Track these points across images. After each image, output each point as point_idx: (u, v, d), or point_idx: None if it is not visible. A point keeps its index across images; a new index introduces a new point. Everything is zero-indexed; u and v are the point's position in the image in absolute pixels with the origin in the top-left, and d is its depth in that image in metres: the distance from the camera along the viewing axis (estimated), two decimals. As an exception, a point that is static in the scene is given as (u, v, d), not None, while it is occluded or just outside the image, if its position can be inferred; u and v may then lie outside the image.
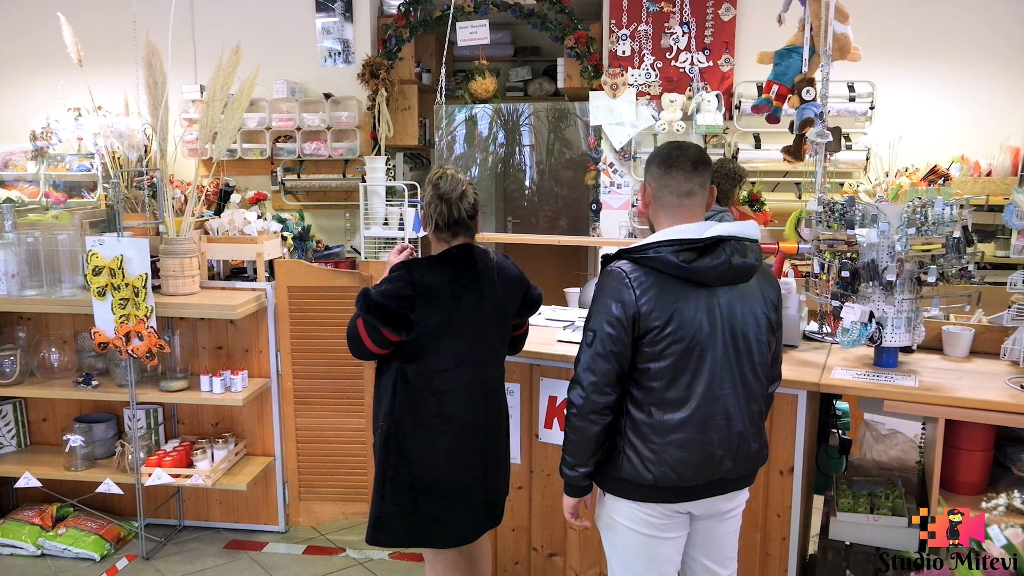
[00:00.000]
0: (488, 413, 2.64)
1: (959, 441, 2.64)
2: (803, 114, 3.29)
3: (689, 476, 2.15)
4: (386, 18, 5.95)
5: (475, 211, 2.62)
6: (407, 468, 2.59)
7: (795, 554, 2.91)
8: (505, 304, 2.67)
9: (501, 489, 2.77)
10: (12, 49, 6.40)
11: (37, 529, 3.91)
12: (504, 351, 2.73)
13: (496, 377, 2.69)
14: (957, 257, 2.70)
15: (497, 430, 2.70)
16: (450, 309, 2.53)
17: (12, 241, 3.80)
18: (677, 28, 5.35)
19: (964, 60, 5.17)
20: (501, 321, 2.67)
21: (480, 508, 2.68)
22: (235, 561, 3.81)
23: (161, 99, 3.80)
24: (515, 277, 2.71)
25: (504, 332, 2.71)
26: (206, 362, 3.96)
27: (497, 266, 2.66)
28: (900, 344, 2.80)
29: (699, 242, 2.10)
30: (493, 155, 6.88)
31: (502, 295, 2.64)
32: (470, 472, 2.61)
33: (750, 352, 2.18)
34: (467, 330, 2.57)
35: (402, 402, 2.58)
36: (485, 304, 2.60)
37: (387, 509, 2.61)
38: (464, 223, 2.59)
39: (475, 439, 2.61)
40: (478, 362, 2.60)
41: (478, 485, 2.63)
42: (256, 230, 3.96)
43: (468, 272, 2.58)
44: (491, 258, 2.67)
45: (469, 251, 2.62)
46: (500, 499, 2.78)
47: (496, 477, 2.72)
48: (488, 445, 2.65)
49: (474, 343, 2.59)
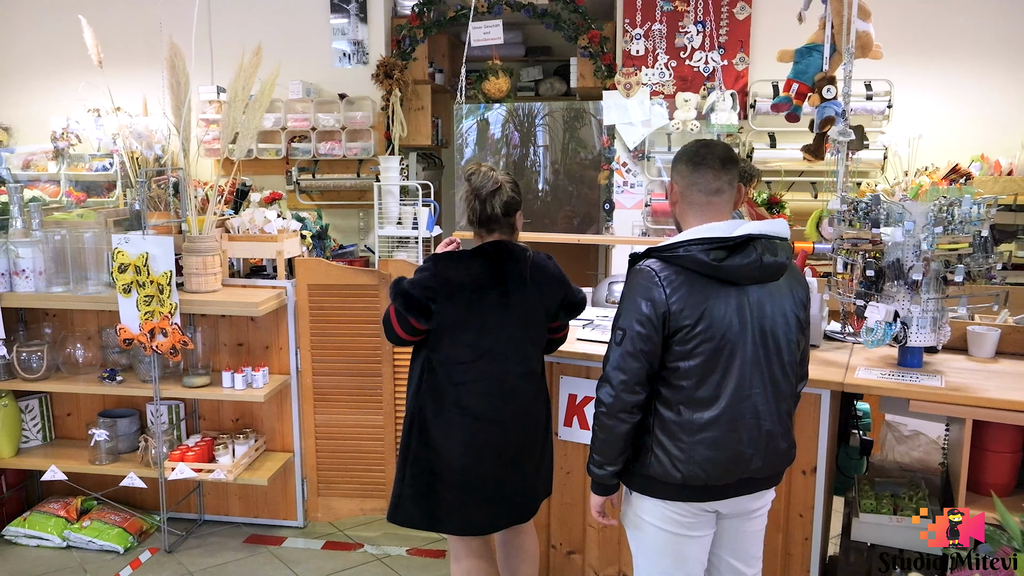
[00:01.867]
0: (509, 409, 2.65)
1: (986, 442, 2.63)
2: (823, 112, 3.28)
3: (718, 475, 2.16)
4: (400, 19, 5.97)
5: (511, 208, 2.64)
6: (426, 453, 2.66)
7: (817, 555, 2.92)
8: (536, 304, 2.67)
9: (528, 487, 2.75)
10: (34, 51, 6.45)
11: (62, 521, 3.96)
12: (534, 350, 2.72)
13: (519, 374, 2.67)
14: (984, 256, 2.70)
15: (522, 427, 2.69)
16: (470, 303, 2.59)
17: (39, 239, 3.84)
18: (691, 27, 5.36)
19: (983, 58, 5.15)
20: (530, 320, 2.67)
21: (500, 503, 2.69)
22: (255, 555, 3.84)
23: (184, 99, 3.82)
24: (553, 278, 2.70)
25: (534, 331, 2.70)
26: (227, 359, 3.99)
27: (533, 265, 2.67)
28: (925, 344, 2.80)
29: (729, 240, 2.11)
30: (506, 155, 6.89)
31: (533, 294, 2.65)
32: (486, 466, 2.64)
33: (779, 351, 2.19)
34: (487, 325, 2.61)
35: (426, 389, 2.66)
36: (511, 302, 2.62)
37: (406, 491, 2.70)
38: (497, 219, 2.62)
39: (492, 433, 2.63)
40: (499, 357, 2.63)
41: (494, 479, 2.66)
42: (276, 228, 3.99)
43: (495, 269, 2.62)
44: (527, 256, 2.67)
45: (501, 248, 2.64)
46: (526, 497, 2.76)
47: (519, 474, 2.71)
48: (508, 440, 2.65)
49: (495, 339, 2.62)
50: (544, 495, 2.87)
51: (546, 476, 2.84)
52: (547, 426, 2.80)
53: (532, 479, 2.76)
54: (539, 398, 2.75)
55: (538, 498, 2.83)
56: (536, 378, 2.74)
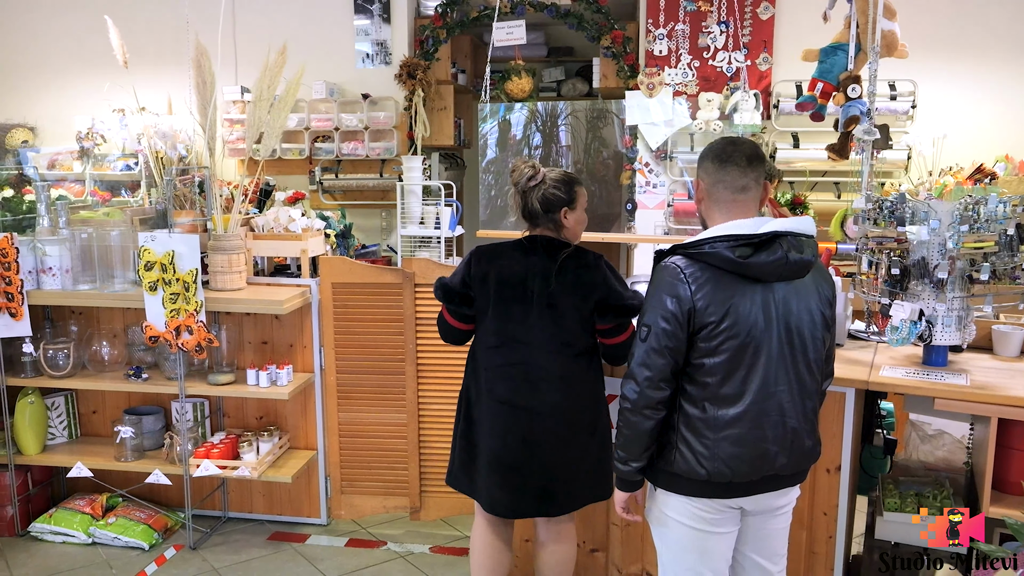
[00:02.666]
0: (538, 398, 2.70)
1: (1012, 441, 2.62)
2: (848, 112, 3.28)
3: (743, 472, 2.16)
4: (423, 19, 6.01)
5: (551, 205, 2.70)
6: (468, 429, 2.85)
7: (841, 553, 2.91)
8: (564, 299, 2.67)
9: (559, 481, 2.75)
10: (60, 52, 6.54)
11: (88, 518, 4.00)
12: (568, 345, 2.70)
13: (546, 365, 2.69)
14: (1010, 255, 2.68)
15: (554, 419, 2.70)
16: (494, 291, 2.73)
17: (66, 237, 3.89)
18: (715, 27, 5.36)
19: (1007, 57, 5.12)
20: (559, 315, 2.68)
21: (524, 490, 2.75)
22: (279, 552, 3.87)
23: (210, 99, 3.86)
24: (589, 276, 2.68)
25: (565, 326, 2.69)
26: (252, 357, 4.02)
27: (567, 261, 2.68)
28: (951, 343, 2.79)
29: (755, 237, 2.11)
30: (528, 156, 6.90)
31: (560, 289, 2.67)
32: (510, 450, 2.73)
33: (805, 348, 2.19)
34: (511, 314, 2.71)
35: (470, 371, 2.86)
36: (536, 294, 2.68)
37: (457, 458, 2.92)
38: (537, 214, 2.72)
39: (517, 419, 2.72)
40: (523, 346, 2.71)
41: (518, 465, 2.73)
42: (300, 227, 4.02)
43: (524, 261, 2.70)
44: (560, 252, 2.69)
45: (535, 241, 2.74)
46: (556, 491, 2.76)
47: (547, 465, 2.72)
48: (535, 429, 2.71)
49: (519, 327, 2.71)
50: (588, 497, 2.83)
51: (590, 477, 2.79)
52: (594, 426, 2.77)
53: (565, 473, 2.75)
54: (579, 394, 2.73)
55: (573, 496, 2.79)
56: (574, 373, 2.72)
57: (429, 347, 3.79)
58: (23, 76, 6.61)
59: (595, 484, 2.82)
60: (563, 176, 2.75)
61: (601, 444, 2.79)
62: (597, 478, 2.81)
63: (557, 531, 2.90)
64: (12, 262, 3.76)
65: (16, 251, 3.76)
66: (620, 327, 2.73)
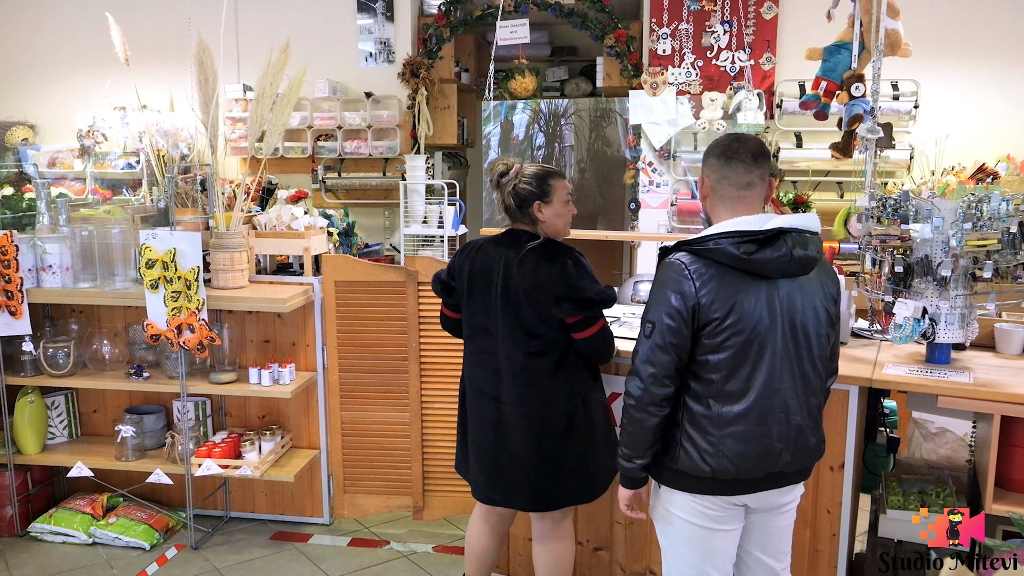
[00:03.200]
0: (501, 387, 2.78)
1: (1015, 439, 2.62)
2: (852, 110, 3.27)
3: (747, 469, 2.16)
4: (426, 18, 6.00)
5: (522, 200, 2.75)
6: (462, 416, 2.99)
7: (845, 551, 2.90)
8: (519, 292, 2.71)
9: (531, 474, 2.77)
10: (60, 49, 6.53)
11: (88, 518, 3.99)
12: (532, 338, 2.72)
13: (511, 356, 2.74)
14: (1013, 253, 2.68)
15: (513, 408, 2.75)
16: (467, 283, 2.85)
17: (66, 235, 3.88)
18: (718, 26, 5.35)
19: (1009, 58, 5.11)
20: (516, 307, 2.73)
21: (497, 479, 2.83)
22: (282, 552, 3.86)
23: (212, 96, 3.86)
24: (544, 273, 2.69)
25: (523, 318, 2.72)
26: (254, 355, 4.02)
27: (528, 254, 2.71)
28: (953, 341, 2.78)
29: (760, 234, 2.10)
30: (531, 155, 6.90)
31: (517, 282, 2.71)
32: (485, 437, 2.85)
33: (809, 345, 2.18)
34: (479, 305, 2.82)
35: (464, 360, 2.97)
36: (498, 286, 2.76)
37: (459, 443, 3.04)
38: (511, 210, 2.80)
39: (487, 407, 2.83)
40: (490, 337, 2.80)
41: (490, 452, 2.84)
42: (303, 225, 4.01)
43: (495, 253, 2.80)
44: (524, 247, 2.73)
45: (508, 235, 2.82)
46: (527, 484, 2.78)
47: (516, 456, 2.77)
48: (501, 417, 2.79)
49: (486, 318, 2.81)
50: (567, 499, 2.83)
51: (570, 479, 2.79)
52: (568, 425, 2.75)
53: (539, 469, 2.76)
54: (545, 388, 2.74)
55: (549, 495, 2.79)
56: (537, 367, 2.73)
57: (432, 346, 3.79)
58: (24, 74, 6.61)
59: (576, 488, 2.81)
60: (538, 171, 2.78)
61: (582, 446, 2.77)
62: (578, 481, 2.80)
63: (549, 529, 2.90)
64: (11, 260, 3.76)
65: (16, 249, 3.76)
66: (587, 321, 2.71)
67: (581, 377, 2.79)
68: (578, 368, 2.78)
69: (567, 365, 2.76)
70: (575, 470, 2.78)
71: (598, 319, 2.73)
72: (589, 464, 2.80)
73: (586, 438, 2.78)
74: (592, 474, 2.82)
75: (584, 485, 2.82)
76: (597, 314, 2.73)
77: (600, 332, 2.74)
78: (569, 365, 2.77)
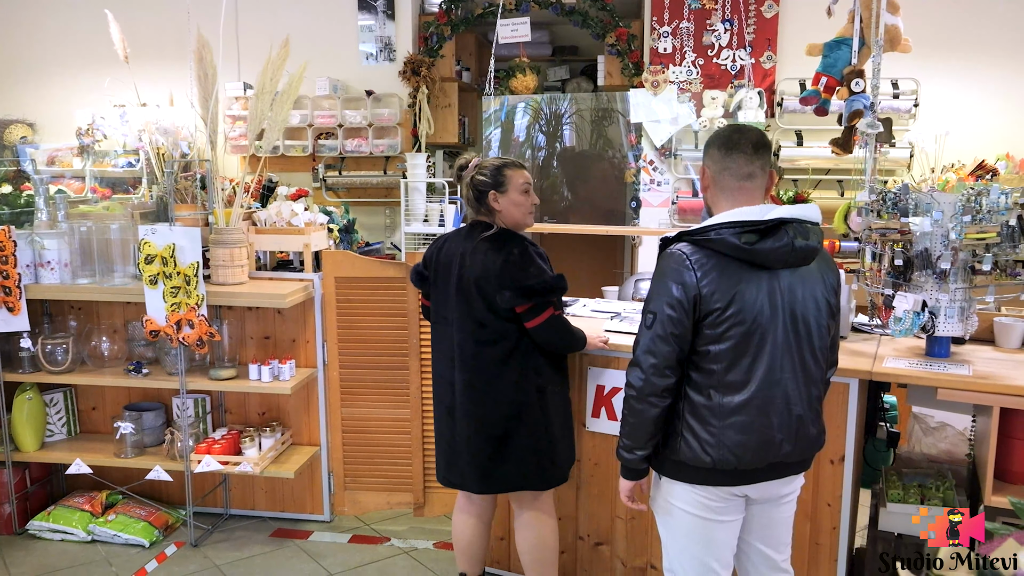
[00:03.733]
0: (454, 373, 2.87)
1: (1014, 431, 2.63)
2: (852, 106, 3.28)
3: (748, 459, 2.16)
4: (427, 16, 6.01)
5: (480, 191, 2.83)
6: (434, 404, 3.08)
7: (845, 544, 2.90)
8: (469, 282, 2.80)
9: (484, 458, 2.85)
10: (59, 46, 6.54)
11: (87, 515, 3.98)
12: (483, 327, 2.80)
13: (464, 343, 2.83)
14: (1012, 246, 2.69)
15: (464, 393, 2.83)
16: (432, 273, 2.97)
17: (65, 231, 3.88)
18: (719, 25, 5.36)
19: (1009, 56, 5.12)
20: (467, 296, 2.82)
21: (456, 463, 2.94)
22: (282, 548, 3.86)
23: (212, 91, 3.86)
24: (491, 262, 2.76)
25: (473, 307, 2.80)
26: (254, 352, 4.02)
27: (479, 247, 2.79)
28: (953, 334, 2.79)
29: (761, 224, 2.10)
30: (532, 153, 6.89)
31: (469, 272, 2.80)
32: (442, 420, 2.98)
33: (810, 336, 2.19)
34: (439, 295, 2.93)
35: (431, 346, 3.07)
36: (454, 275, 2.86)
37: None
38: (471, 202, 2.89)
39: (445, 392, 2.94)
40: (449, 324, 2.89)
41: (445, 435, 2.96)
42: (303, 222, 4.01)
43: (456, 244, 2.90)
44: (483, 237, 2.80)
45: (470, 227, 2.91)
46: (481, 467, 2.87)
47: (469, 441, 2.85)
48: (455, 402, 2.89)
49: (444, 307, 2.91)
50: (518, 482, 2.90)
51: (522, 464, 2.85)
52: (518, 413, 2.82)
53: (489, 454, 2.84)
54: (495, 376, 2.81)
55: (500, 478, 2.89)
56: (487, 355, 2.80)
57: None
58: (23, 71, 6.60)
59: (528, 472, 2.88)
60: (494, 162, 2.86)
61: (534, 435, 2.83)
62: (531, 467, 2.87)
63: (522, 517, 2.99)
64: (9, 255, 3.75)
65: (14, 244, 3.75)
66: (535, 309, 2.75)
67: (536, 366, 2.83)
68: (533, 357, 2.83)
69: (519, 354, 2.81)
70: (524, 457, 2.85)
71: (546, 307, 2.77)
72: (542, 452, 2.86)
73: (539, 426, 2.84)
74: (546, 461, 2.88)
75: (538, 471, 2.88)
76: (544, 302, 2.76)
77: (550, 320, 2.78)
78: (521, 354, 2.81)
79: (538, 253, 2.81)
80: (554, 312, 2.79)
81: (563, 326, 2.85)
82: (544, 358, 2.85)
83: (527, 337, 2.80)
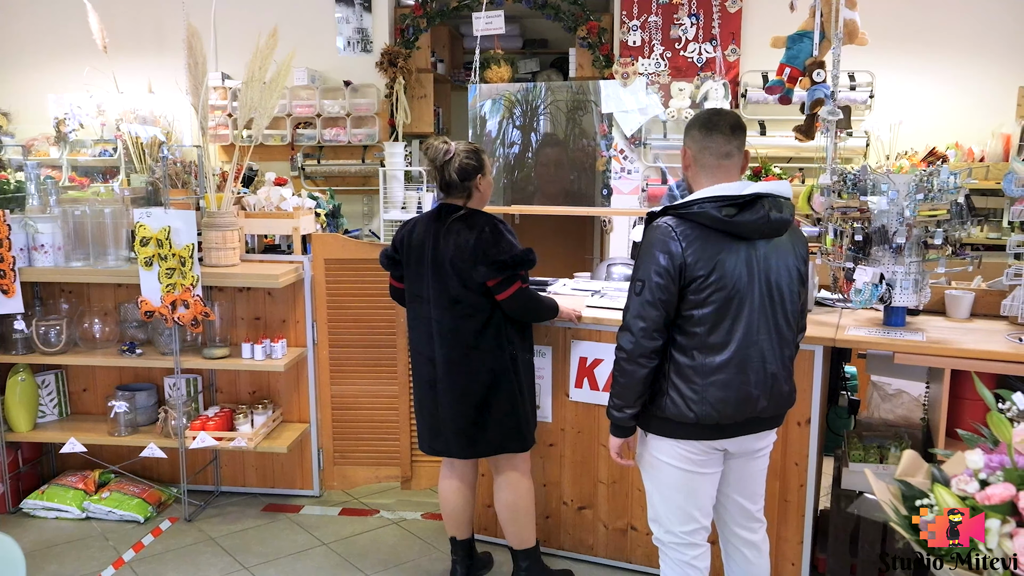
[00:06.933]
0: (433, 348, 3.04)
1: (963, 392, 2.86)
2: (814, 95, 3.49)
3: (728, 414, 2.36)
4: (403, 8, 6.15)
5: (466, 174, 2.97)
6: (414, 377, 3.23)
7: (811, 501, 3.14)
8: (445, 260, 2.97)
9: (467, 425, 3.05)
10: (35, 35, 6.54)
11: (81, 493, 4.06)
12: (456, 301, 2.98)
13: (441, 319, 3.00)
14: (960, 222, 2.94)
15: (443, 366, 3.03)
16: (404, 254, 3.10)
17: (58, 215, 3.95)
18: (686, 19, 5.60)
19: (959, 50, 5.42)
20: (443, 274, 2.99)
21: (440, 432, 3.10)
22: (275, 522, 3.99)
23: (202, 79, 3.97)
24: (464, 240, 2.94)
25: (449, 284, 2.98)
26: (245, 332, 4.13)
27: (453, 227, 2.96)
28: (908, 304, 3.03)
29: (740, 198, 2.31)
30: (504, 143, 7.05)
31: (444, 251, 2.97)
32: (423, 394, 3.14)
33: (783, 301, 2.40)
34: (414, 274, 3.07)
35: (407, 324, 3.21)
36: (429, 254, 3.00)
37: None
38: (454, 184, 3.00)
39: (425, 367, 3.09)
40: (425, 302, 3.04)
41: (428, 408, 3.12)
42: (291, 206, 4.14)
43: (428, 226, 3.03)
44: (454, 218, 2.97)
45: (442, 208, 3.04)
46: (465, 434, 3.06)
47: (452, 410, 3.04)
48: (436, 375, 3.06)
49: (420, 286, 3.05)
50: (496, 447, 3.10)
51: (499, 430, 3.07)
52: (495, 382, 3.02)
53: (468, 421, 3.06)
54: (471, 348, 3.00)
55: (479, 443, 3.08)
56: (464, 328, 3.00)
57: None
58: (0, 61, 6.61)
59: (505, 436, 3.09)
60: (471, 147, 3.04)
61: (510, 399, 3.05)
62: (507, 431, 3.08)
63: (500, 479, 3.21)
64: (4, 239, 3.82)
65: (8, 228, 3.83)
66: (505, 282, 2.96)
67: (509, 337, 3.05)
68: (506, 328, 3.04)
69: (493, 326, 3.02)
70: (502, 421, 3.07)
71: (515, 280, 2.97)
72: (519, 416, 3.09)
73: (515, 392, 3.06)
74: (523, 424, 3.12)
75: (515, 434, 3.11)
76: (513, 275, 2.97)
77: (519, 292, 2.99)
78: (496, 326, 3.02)
79: (507, 229, 3.02)
80: (521, 285, 3.00)
81: (531, 296, 3.07)
82: (514, 327, 3.07)
83: (499, 309, 3.00)
